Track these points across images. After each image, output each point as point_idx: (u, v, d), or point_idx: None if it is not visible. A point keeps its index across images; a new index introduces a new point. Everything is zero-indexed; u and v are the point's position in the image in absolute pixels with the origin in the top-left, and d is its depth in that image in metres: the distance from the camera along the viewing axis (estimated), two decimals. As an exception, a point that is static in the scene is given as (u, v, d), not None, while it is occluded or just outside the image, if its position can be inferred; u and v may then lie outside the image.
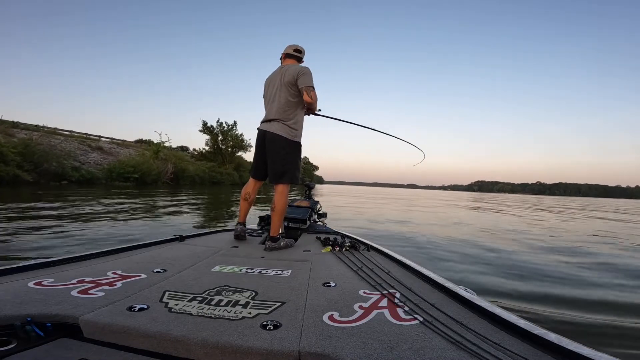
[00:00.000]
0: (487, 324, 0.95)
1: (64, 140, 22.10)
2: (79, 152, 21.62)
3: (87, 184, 17.39)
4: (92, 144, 24.19)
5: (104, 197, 9.86)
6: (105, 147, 25.20)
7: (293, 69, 2.15)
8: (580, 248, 4.97)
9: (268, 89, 2.27)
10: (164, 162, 24.62)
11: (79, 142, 23.25)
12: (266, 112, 2.26)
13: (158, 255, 1.74)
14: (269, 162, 2.22)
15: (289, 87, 2.14)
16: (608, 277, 3.24)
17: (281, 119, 2.16)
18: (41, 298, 1.03)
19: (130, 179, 19.95)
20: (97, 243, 3.63)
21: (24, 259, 2.33)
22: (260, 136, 2.27)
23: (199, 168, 29.45)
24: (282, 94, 2.16)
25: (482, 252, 4.23)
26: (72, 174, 16.99)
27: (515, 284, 2.84)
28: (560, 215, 13.14)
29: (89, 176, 17.96)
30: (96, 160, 21.91)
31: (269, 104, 2.23)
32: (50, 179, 15.92)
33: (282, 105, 2.16)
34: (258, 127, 2.30)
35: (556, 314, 2.16)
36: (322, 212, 3.46)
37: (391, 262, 1.71)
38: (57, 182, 16.01)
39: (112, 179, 19.45)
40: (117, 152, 25.67)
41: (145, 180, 21.06)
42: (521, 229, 7.36)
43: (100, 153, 23.66)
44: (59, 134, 23.78)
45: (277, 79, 2.19)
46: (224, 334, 0.85)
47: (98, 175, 19.14)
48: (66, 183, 16.36)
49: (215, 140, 36.50)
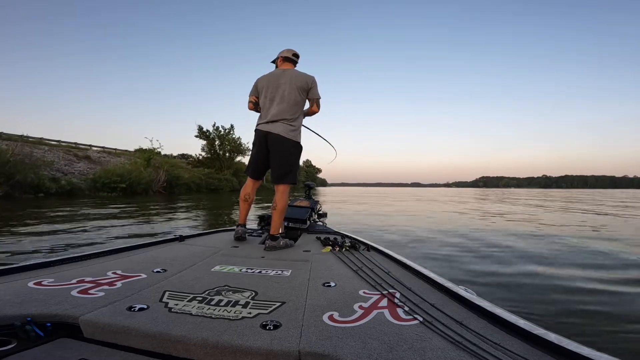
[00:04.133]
0: (487, 324, 0.94)
1: (48, 150, 20.72)
2: (63, 162, 20.18)
3: (67, 196, 15.87)
4: (78, 154, 22.77)
5: (61, 211, 8.23)
6: (93, 157, 23.79)
7: (304, 77, 2.23)
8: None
9: (269, 90, 2.23)
10: (156, 169, 23.08)
11: (64, 152, 21.84)
12: (267, 112, 2.23)
13: (158, 255, 1.73)
14: (273, 163, 2.23)
15: (300, 91, 2.21)
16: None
17: (286, 120, 2.19)
18: (41, 298, 1.02)
19: (116, 189, 18.38)
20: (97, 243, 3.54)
21: (24, 259, 2.08)
22: (261, 137, 2.24)
23: (195, 175, 27.93)
24: (291, 97, 2.19)
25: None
26: (49, 185, 15.48)
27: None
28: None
29: (68, 187, 16.44)
30: (82, 170, 20.45)
31: (272, 104, 2.22)
32: (25, 192, 14.41)
33: (291, 106, 2.20)
34: (257, 128, 2.28)
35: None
36: (322, 212, 3.42)
37: (391, 262, 1.70)
38: (32, 195, 14.50)
39: (97, 189, 17.92)
40: (106, 161, 24.24)
41: (134, 190, 19.52)
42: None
43: (87, 162, 22.25)
44: (44, 143, 22.45)
45: (282, 81, 2.20)
46: (223, 334, 0.84)
47: (80, 186, 17.63)
48: (42, 196, 14.83)
49: (212, 145, 35.05)
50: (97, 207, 9.62)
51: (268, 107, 2.22)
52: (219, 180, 30.61)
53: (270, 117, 2.20)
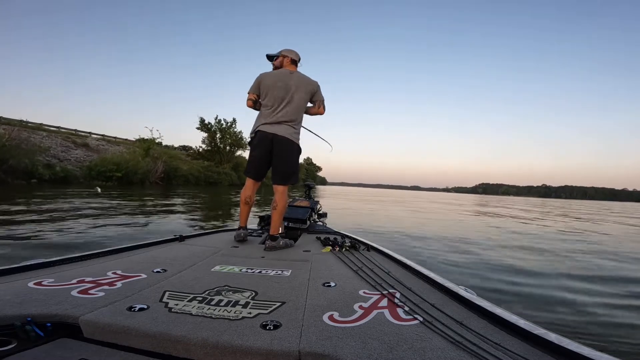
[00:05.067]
0: (487, 324, 0.94)
1: (46, 136, 20.52)
2: (60, 149, 19.97)
3: (61, 183, 15.69)
4: (77, 141, 22.51)
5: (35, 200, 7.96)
6: (92, 144, 23.53)
7: (312, 82, 2.26)
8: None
9: (276, 90, 2.18)
10: (154, 160, 22.84)
11: (63, 139, 21.63)
12: (274, 113, 2.18)
13: (158, 255, 1.73)
14: (278, 165, 2.21)
15: (307, 95, 2.24)
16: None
17: (292, 122, 2.20)
18: (41, 298, 1.02)
19: (112, 178, 18.18)
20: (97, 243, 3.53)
21: (24, 259, 1.94)
22: (266, 138, 2.19)
23: (194, 167, 27.68)
24: (301, 100, 2.20)
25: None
26: (42, 171, 15.26)
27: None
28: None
29: (62, 174, 16.24)
30: (78, 158, 20.22)
31: (280, 106, 2.17)
32: (18, 178, 14.21)
33: (299, 110, 2.21)
34: (261, 129, 2.20)
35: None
36: (322, 212, 3.42)
37: (391, 262, 1.70)
38: (25, 181, 14.30)
39: (92, 177, 17.70)
40: (105, 149, 23.99)
41: (130, 180, 19.31)
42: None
43: (85, 150, 21.99)
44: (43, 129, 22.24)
45: (292, 83, 2.18)
46: (224, 334, 0.84)
47: (75, 173, 17.44)
48: (35, 182, 14.63)
49: (213, 138, 34.78)
50: (82, 198, 9.36)
51: (276, 107, 2.18)
52: (218, 173, 30.37)
53: (276, 118, 2.16)
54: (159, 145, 25.96)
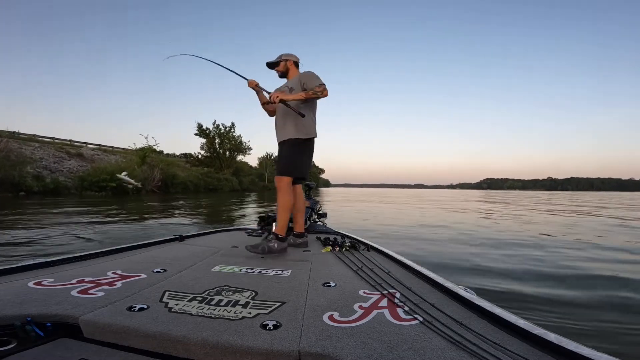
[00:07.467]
0: (487, 324, 0.94)
1: (38, 147, 19.93)
2: (53, 160, 19.34)
3: (52, 195, 15.03)
4: (71, 151, 21.93)
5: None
6: (86, 154, 22.94)
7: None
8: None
9: None
10: (151, 167, 22.13)
11: (56, 149, 21.03)
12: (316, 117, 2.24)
13: (158, 255, 1.74)
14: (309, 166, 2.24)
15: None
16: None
17: None
18: (41, 298, 1.03)
19: (106, 188, 17.46)
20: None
21: (24, 259, 1.93)
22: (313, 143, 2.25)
23: (192, 174, 26.97)
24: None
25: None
26: (30, 183, 14.60)
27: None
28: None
29: (52, 186, 15.61)
30: (71, 168, 19.60)
31: None
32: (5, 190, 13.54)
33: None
34: (313, 136, 2.19)
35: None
36: (322, 212, 3.40)
37: (391, 262, 1.70)
38: (12, 193, 13.62)
39: (84, 188, 17.02)
40: (100, 159, 23.38)
41: (125, 189, 18.57)
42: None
43: (79, 160, 21.40)
44: (36, 140, 21.68)
45: None
46: (223, 334, 0.84)
47: (66, 184, 16.80)
48: (23, 194, 13.96)
49: (212, 144, 34.14)
50: (54, 213, 7.96)
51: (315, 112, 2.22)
52: (218, 179, 29.67)
53: None
54: (155, 153, 25.26)
